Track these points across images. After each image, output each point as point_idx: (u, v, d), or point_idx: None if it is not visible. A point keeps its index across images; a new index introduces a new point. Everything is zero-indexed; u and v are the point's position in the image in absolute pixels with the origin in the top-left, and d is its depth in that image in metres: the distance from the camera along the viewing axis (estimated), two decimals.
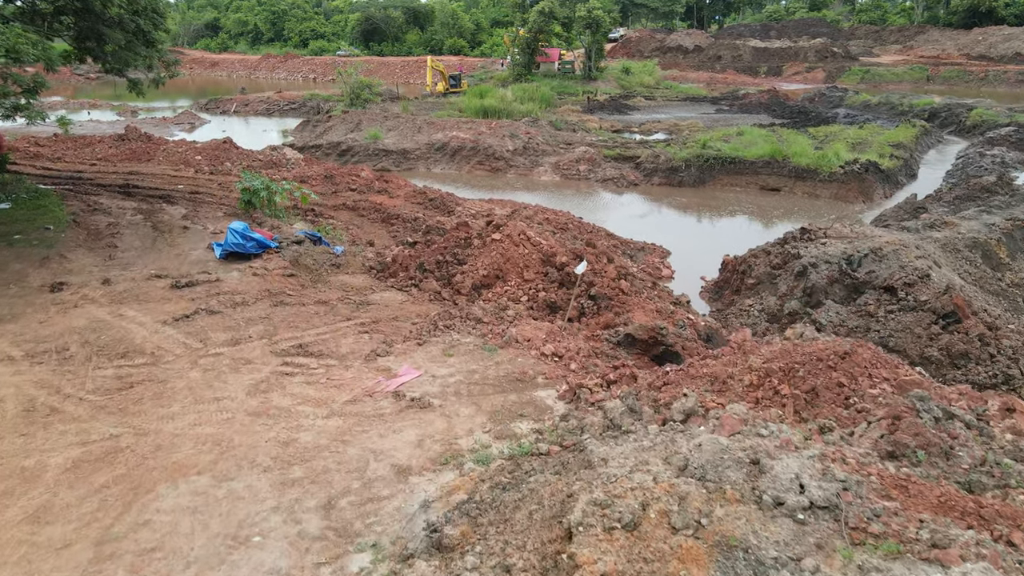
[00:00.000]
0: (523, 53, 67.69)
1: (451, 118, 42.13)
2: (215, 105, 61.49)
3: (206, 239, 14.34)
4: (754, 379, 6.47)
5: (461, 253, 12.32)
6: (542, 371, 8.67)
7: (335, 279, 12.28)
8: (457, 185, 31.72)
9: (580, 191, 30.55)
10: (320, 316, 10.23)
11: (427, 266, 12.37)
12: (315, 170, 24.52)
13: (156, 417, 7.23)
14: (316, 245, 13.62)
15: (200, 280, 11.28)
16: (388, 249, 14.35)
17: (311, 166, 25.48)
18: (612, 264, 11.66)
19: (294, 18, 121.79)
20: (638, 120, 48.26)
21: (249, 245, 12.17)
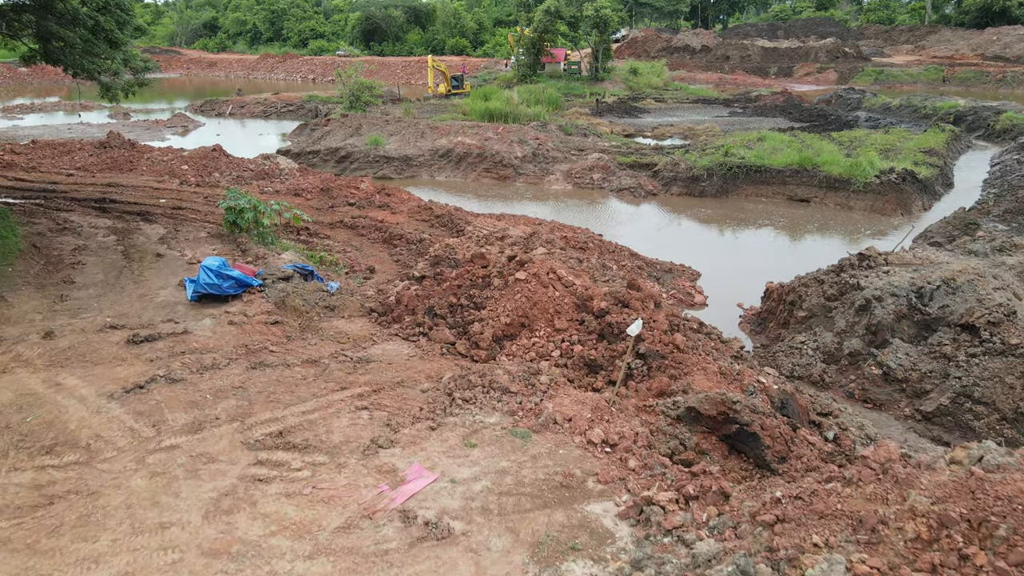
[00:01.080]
0: (528, 53, 65.69)
1: (455, 121, 40.16)
2: (210, 107, 59.51)
3: (180, 272, 12.35)
4: (922, 531, 4.48)
5: (478, 295, 10.32)
6: (593, 470, 6.69)
7: (329, 325, 10.29)
8: (463, 194, 29.75)
9: (594, 202, 28.57)
10: (308, 383, 8.24)
11: (438, 310, 10.38)
12: (311, 181, 22.53)
13: (73, 561, 5.24)
14: (307, 281, 11.63)
15: (164, 332, 9.28)
16: (391, 284, 12.34)
17: (306, 177, 23.49)
18: (662, 311, 9.66)
19: (293, 17, 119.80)
20: (650, 123, 46.27)
21: (226, 285, 10.20)
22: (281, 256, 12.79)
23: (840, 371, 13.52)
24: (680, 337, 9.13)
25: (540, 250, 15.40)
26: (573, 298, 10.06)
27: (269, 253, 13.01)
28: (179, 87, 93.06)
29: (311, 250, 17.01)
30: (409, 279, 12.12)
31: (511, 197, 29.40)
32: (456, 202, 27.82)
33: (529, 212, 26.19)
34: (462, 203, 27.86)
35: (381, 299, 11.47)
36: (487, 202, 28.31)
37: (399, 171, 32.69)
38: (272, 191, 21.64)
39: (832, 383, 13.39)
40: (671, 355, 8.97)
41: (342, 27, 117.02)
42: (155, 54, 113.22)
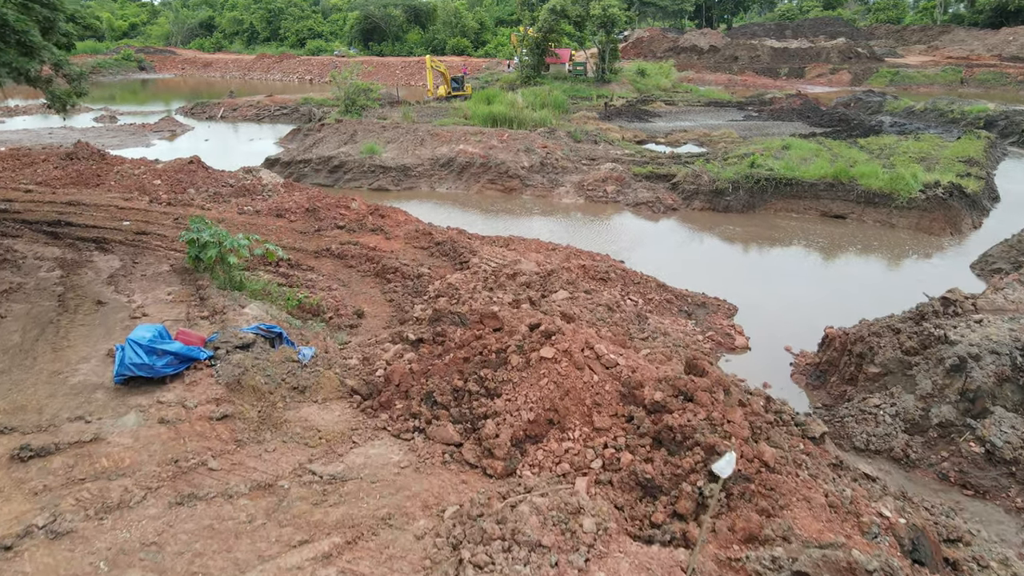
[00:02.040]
0: (532, 54, 63.23)
1: (456, 126, 37.74)
2: (201, 110, 57.10)
3: (118, 330, 9.95)
4: None
5: (491, 376, 7.91)
6: None
7: (296, 416, 7.88)
8: (466, 208, 27.36)
9: (609, 218, 26.15)
10: (254, 532, 5.82)
11: (439, 396, 7.98)
12: (296, 199, 20.12)
13: None
14: (274, 347, 9.22)
15: (66, 440, 6.84)
16: (380, 347, 9.88)
17: (291, 194, 21.08)
18: (737, 407, 7.25)
19: (291, 17, 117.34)
20: (662, 128, 43.83)
21: (161, 364, 7.82)
22: (244, 310, 10.34)
23: (928, 445, 11.13)
24: (769, 451, 6.72)
25: (561, 293, 12.99)
26: (616, 384, 7.65)
27: (231, 305, 10.57)
28: (174, 88, 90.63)
29: (290, 286, 14.61)
30: (403, 341, 9.71)
31: (518, 212, 26.99)
32: (459, 217, 25.47)
33: (538, 230, 23.80)
34: (465, 219, 25.48)
35: (366, 372, 9.04)
36: (492, 218, 25.91)
37: (396, 182, 30.27)
38: (252, 211, 19.25)
39: (919, 460, 10.98)
40: (758, 476, 6.55)
41: (340, 27, 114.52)
42: (149, 54, 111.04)
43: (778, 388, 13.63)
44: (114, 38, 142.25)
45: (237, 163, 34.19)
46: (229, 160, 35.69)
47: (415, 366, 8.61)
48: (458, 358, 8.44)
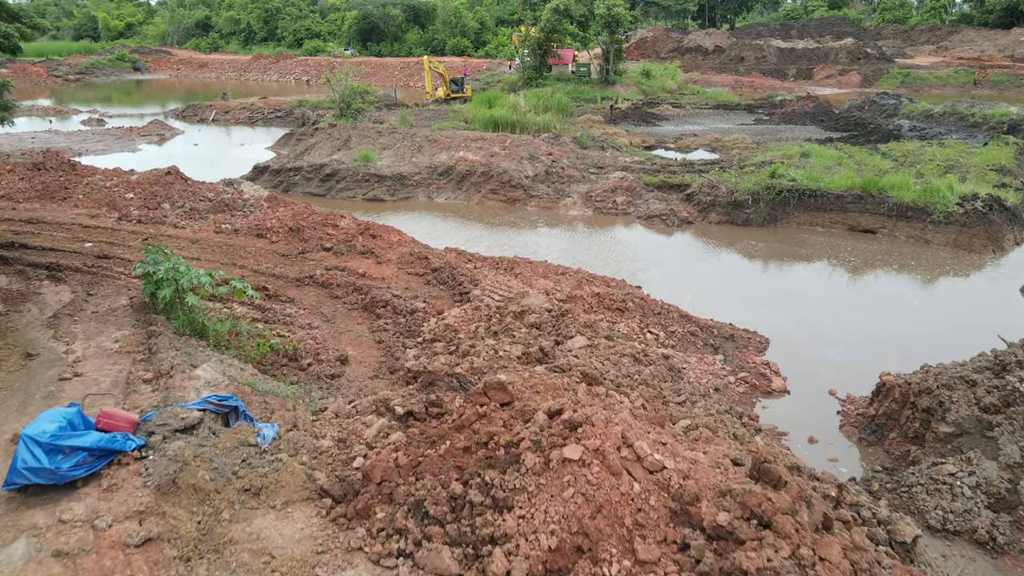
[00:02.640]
0: (534, 55, 61.41)
1: (456, 131, 35.92)
2: (193, 112, 55.31)
3: (37, 398, 8.13)
4: None
5: (500, 480, 6.09)
6: None
7: (246, 531, 6.07)
8: (466, 220, 25.56)
9: (620, 232, 24.34)
10: None
11: (431, 504, 6.17)
12: (280, 216, 18.28)
13: None
14: (229, 424, 7.40)
15: None
16: (361, 424, 8.01)
17: (275, 209, 19.25)
18: (834, 541, 5.43)
19: (288, 16, 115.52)
20: (670, 133, 42.01)
21: (69, 466, 5.96)
22: (196, 371, 8.51)
23: (1018, 526, 9.36)
24: None
25: (578, 340, 11.19)
26: (664, 496, 5.85)
27: (182, 364, 8.73)
28: (169, 89, 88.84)
29: (265, 322, 12.80)
30: (389, 413, 7.91)
31: (522, 225, 25.17)
32: (458, 232, 23.67)
33: (545, 248, 22.00)
34: (465, 233, 23.68)
35: (342, 460, 7.22)
36: (494, 232, 24.11)
37: (392, 192, 28.44)
38: (230, 229, 17.42)
39: (1008, 545, 9.19)
40: None
41: (339, 26, 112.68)
42: (144, 55, 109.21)
43: (827, 442, 11.81)
44: (110, 38, 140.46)
45: (226, 170, 32.50)
46: (218, 167, 33.94)
47: (402, 456, 6.78)
48: (456, 448, 6.62)
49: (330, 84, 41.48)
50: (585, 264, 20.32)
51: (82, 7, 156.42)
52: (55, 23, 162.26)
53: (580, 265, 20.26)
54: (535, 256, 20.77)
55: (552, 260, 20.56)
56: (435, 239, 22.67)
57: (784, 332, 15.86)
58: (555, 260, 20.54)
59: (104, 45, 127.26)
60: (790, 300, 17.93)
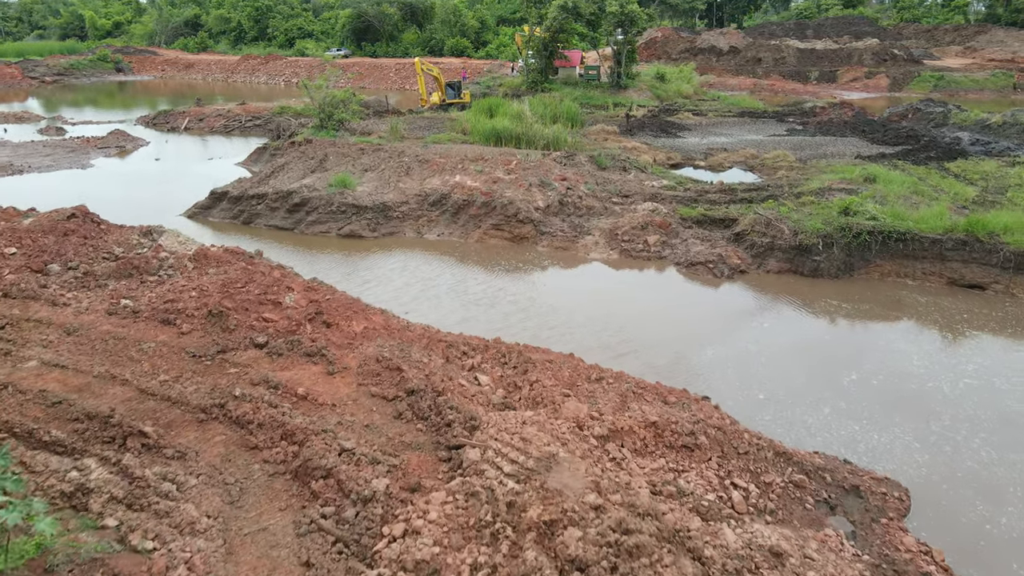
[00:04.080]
0: (539, 56, 56.36)
1: (452, 146, 30.94)
2: (164, 119, 50.22)
3: None
4: None
5: None
6: None
7: None
8: (464, 263, 20.59)
9: (656, 286, 19.32)
10: None
11: None
12: (203, 286, 13.25)
13: None
14: None
15: None
16: None
17: (201, 274, 14.19)
18: None
19: (279, 15, 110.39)
20: (696, 146, 36.96)
21: None
22: None
23: None
24: None
25: None
26: None
27: None
28: (152, 91, 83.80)
29: (130, 508, 7.80)
30: None
31: (531, 270, 20.16)
32: (451, 286, 18.66)
33: (564, 311, 16.98)
34: (459, 279, 18.68)
35: None
36: (497, 277, 19.12)
37: (373, 226, 23.40)
38: (130, 311, 12.39)
39: None
40: None
41: (332, 25, 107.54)
42: (128, 55, 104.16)
43: None
44: (97, 37, 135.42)
45: (183, 194, 27.50)
46: (173, 190, 28.95)
47: None
48: None
49: (308, 91, 36.31)
50: (619, 340, 15.33)
51: (69, 6, 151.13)
52: (41, 22, 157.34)
53: (613, 340, 15.29)
54: (552, 324, 15.78)
55: (575, 331, 15.57)
56: (421, 298, 17.66)
57: (923, 472, 10.88)
58: (579, 333, 15.54)
59: (90, 44, 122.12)
60: (912, 405, 12.89)
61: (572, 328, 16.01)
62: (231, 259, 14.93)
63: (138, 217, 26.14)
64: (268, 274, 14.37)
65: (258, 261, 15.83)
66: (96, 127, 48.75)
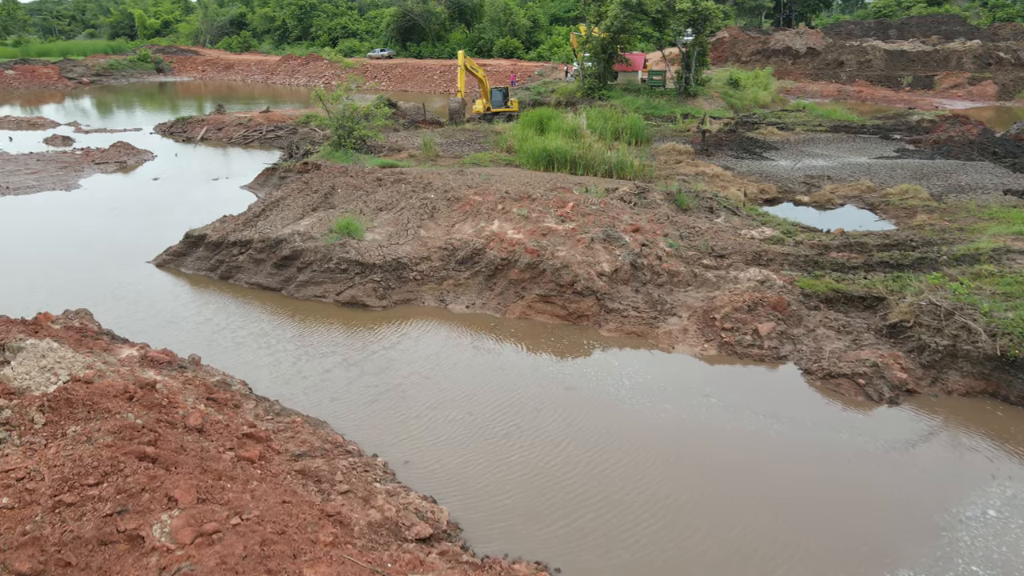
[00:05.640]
0: (596, 59, 50.05)
1: (493, 172, 25.14)
2: (182, 128, 45.61)
3: None
4: None
5: None
6: None
7: None
8: (500, 346, 14.68)
9: (781, 407, 12.95)
10: None
11: None
12: (32, 474, 7.52)
13: None
14: None
15: None
16: None
17: (52, 437, 8.51)
18: None
19: (324, 14, 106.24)
20: (790, 172, 30.24)
21: None
22: None
23: None
24: None
25: None
26: None
27: None
28: (192, 92, 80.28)
29: None
30: None
31: (582, 354, 14.03)
32: (478, 395, 12.68)
33: (638, 449, 10.84)
34: (491, 400, 12.62)
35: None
36: (543, 390, 13.00)
37: (382, 291, 17.57)
38: None
39: None
40: None
41: (377, 24, 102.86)
42: (169, 55, 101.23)
43: None
44: (146, 36, 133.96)
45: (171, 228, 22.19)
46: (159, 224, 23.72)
47: None
48: None
49: (323, 102, 30.73)
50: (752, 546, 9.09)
51: (120, 4, 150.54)
52: (93, 20, 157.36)
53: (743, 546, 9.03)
54: (632, 482, 9.59)
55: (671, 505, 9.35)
56: (429, 440, 11.67)
57: None
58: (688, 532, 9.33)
59: (137, 44, 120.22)
60: None
61: (657, 481, 9.86)
62: (116, 405, 9.22)
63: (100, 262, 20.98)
64: (163, 436, 8.64)
65: (171, 386, 10.13)
66: (109, 136, 44.39)
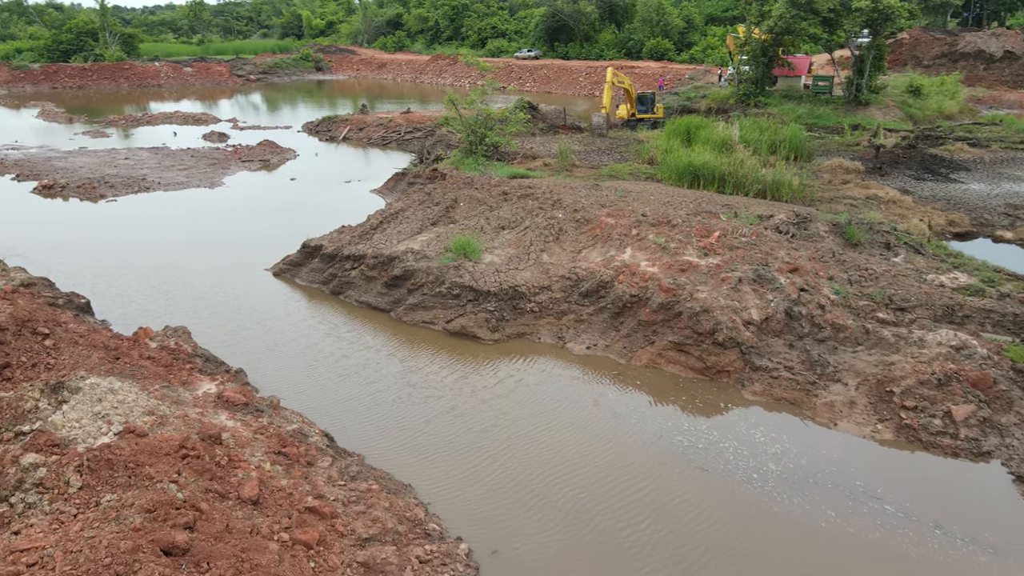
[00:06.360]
0: (755, 63, 45.97)
1: (631, 187, 22.88)
2: (326, 127, 46.59)
3: None
4: None
5: None
6: None
7: None
8: (623, 404, 12.52)
9: (974, 523, 9.87)
10: None
11: None
12: (42, 562, 6.31)
13: None
14: None
15: None
16: None
17: (85, 506, 7.39)
18: None
19: (475, 14, 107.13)
20: (986, 199, 25.56)
21: None
22: None
23: None
24: None
25: None
26: None
27: None
28: (347, 90, 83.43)
29: None
30: None
31: (731, 453, 11.50)
32: (589, 457, 10.63)
33: None
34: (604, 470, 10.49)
35: None
36: (668, 470, 10.68)
37: (494, 323, 15.84)
38: None
39: None
40: None
41: (526, 24, 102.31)
42: (328, 54, 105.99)
43: None
44: (311, 36, 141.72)
45: (293, 234, 21.70)
46: (286, 226, 23.45)
47: None
48: None
49: (454, 107, 29.53)
50: None
51: (291, 6, 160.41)
52: (266, 21, 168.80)
53: None
54: None
55: None
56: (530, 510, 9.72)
57: None
58: None
59: (302, 43, 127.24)
60: None
61: None
62: (163, 469, 7.98)
63: (222, 267, 20.64)
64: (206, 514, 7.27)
65: (239, 437, 8.84)
66: (261, 132, 46.10)
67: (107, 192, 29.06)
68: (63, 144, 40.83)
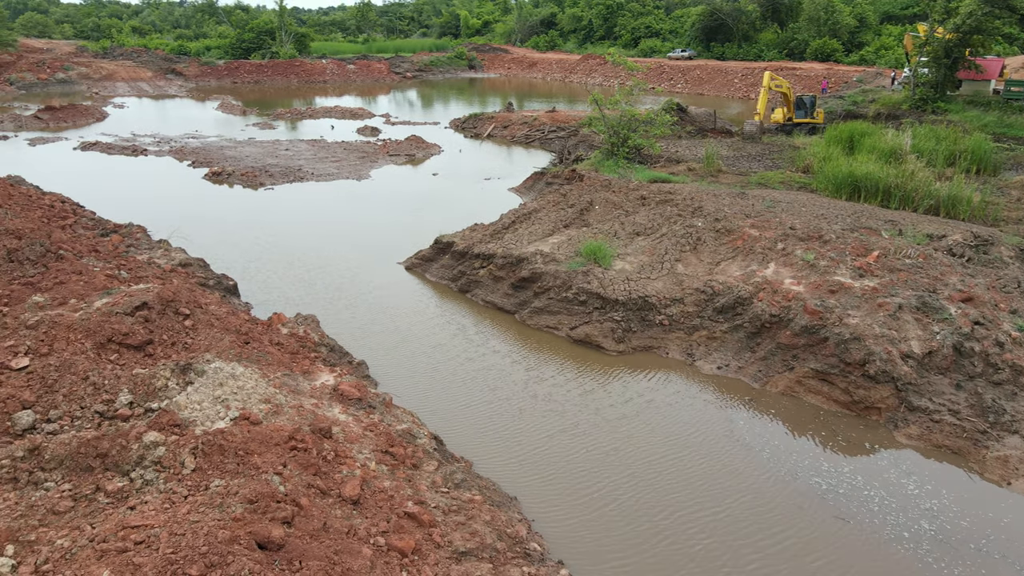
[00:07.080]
0: (936, 65, 41.70)
1: (783, 194, 21.32)
2: (472, 124, 47.44)
3: None
4: None
5: None
6: None
7: None
8: (757, 434, 11.47)
9: None
10: None
11: None
12: (158, 538, 6.52)
13: None
14: None
15: None
16: None
17: (197, 487, 7.59)
18: None
19: (629, 13, 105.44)
20: None
21: None
22: None
23: None
24: None
25: None
26: None
27: None
28: (497, 88, 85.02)
29: None
30: None
31: (877, 503, 10.16)
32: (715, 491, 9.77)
33: None
34: None
35: None
36: (802, 513, 9.58)
37: (620, 333, 15.14)
38: None
39: None
40: None
41: (681, 24, 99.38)
42: (482, 52, 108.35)
43: None
44: (468, 35, 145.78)
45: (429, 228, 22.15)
46: (423, 220, 23.97)
47: None
48: None
49: (597, 107, 28.85)
50: None
51: (450, 5, 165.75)
52: (426, 21, 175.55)
53: None
54: None
55: None
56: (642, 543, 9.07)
57: None
58: None
59: (459, 42, 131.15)
60: None
61: None
62: (270, 459, 8.06)
63: (360, 259, 21.30)
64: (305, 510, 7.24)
65: (349, 432, 8.83)
66: (410, 128, 47.75)
67: (266, 180, 31.03)
68: (236, 134, 44.22)
